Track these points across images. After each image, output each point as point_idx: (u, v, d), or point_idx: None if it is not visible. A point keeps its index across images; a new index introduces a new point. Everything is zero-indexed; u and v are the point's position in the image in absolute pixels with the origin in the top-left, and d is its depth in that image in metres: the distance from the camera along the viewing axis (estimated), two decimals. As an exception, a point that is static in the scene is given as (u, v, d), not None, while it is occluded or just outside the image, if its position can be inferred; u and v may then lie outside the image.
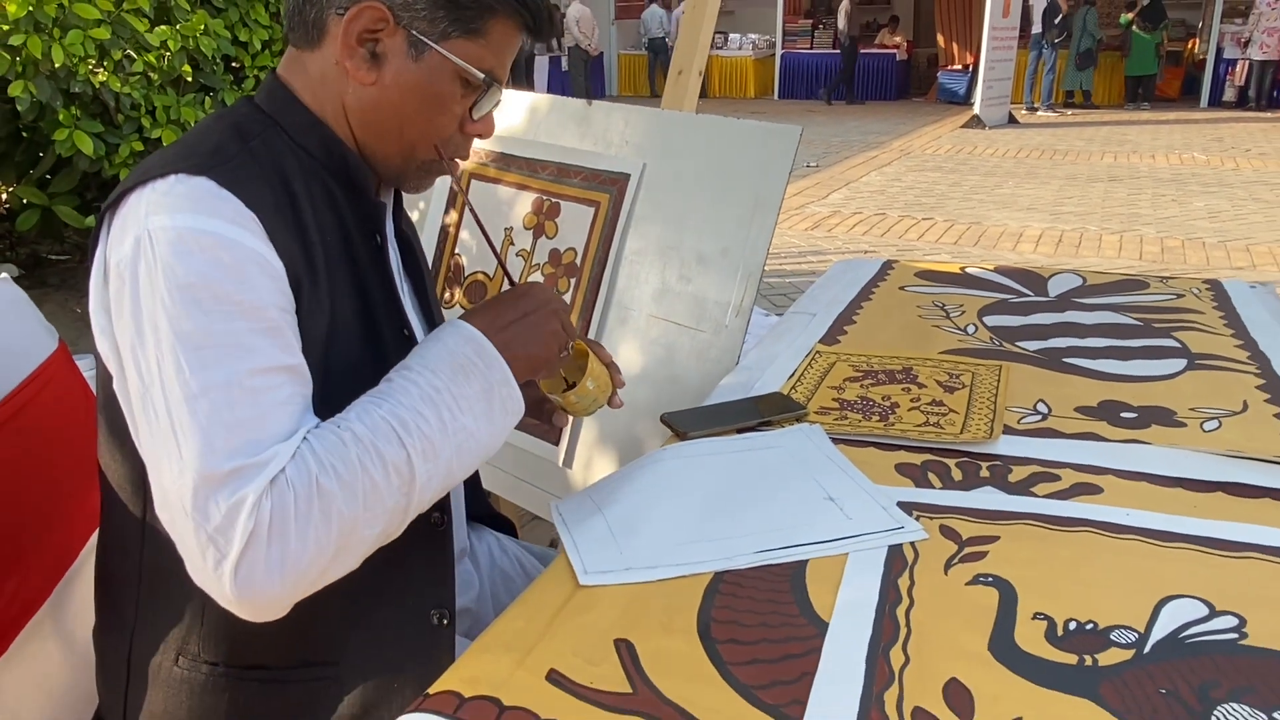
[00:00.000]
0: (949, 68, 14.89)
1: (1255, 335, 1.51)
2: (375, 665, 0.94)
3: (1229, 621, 0.81)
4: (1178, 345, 1.47)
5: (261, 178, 0.85)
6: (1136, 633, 0.79)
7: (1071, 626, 0.80)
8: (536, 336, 0.93)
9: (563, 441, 1.72)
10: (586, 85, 13.70)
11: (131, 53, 3.42)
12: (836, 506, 1.00)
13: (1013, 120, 11.99)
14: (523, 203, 1.86)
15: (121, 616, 0.96)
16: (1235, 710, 0.70)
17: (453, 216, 1.98)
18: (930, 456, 1.12)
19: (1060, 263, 5.23)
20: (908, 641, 0.79)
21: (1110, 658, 0.76)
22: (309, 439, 0.78)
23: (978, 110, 11.55)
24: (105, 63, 3.33)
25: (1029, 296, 1.74)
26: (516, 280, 1.82)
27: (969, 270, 1.93)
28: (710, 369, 1.55)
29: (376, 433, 0.79)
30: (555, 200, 1.82)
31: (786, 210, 6.79)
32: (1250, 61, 12.73)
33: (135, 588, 0.94)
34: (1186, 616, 0.81)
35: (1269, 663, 0.75)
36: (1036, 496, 1.02)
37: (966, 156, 9.43)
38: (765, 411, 1.23)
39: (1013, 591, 0.85)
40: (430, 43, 0.88)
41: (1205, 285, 1.79)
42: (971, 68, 13.58)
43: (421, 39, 0.88)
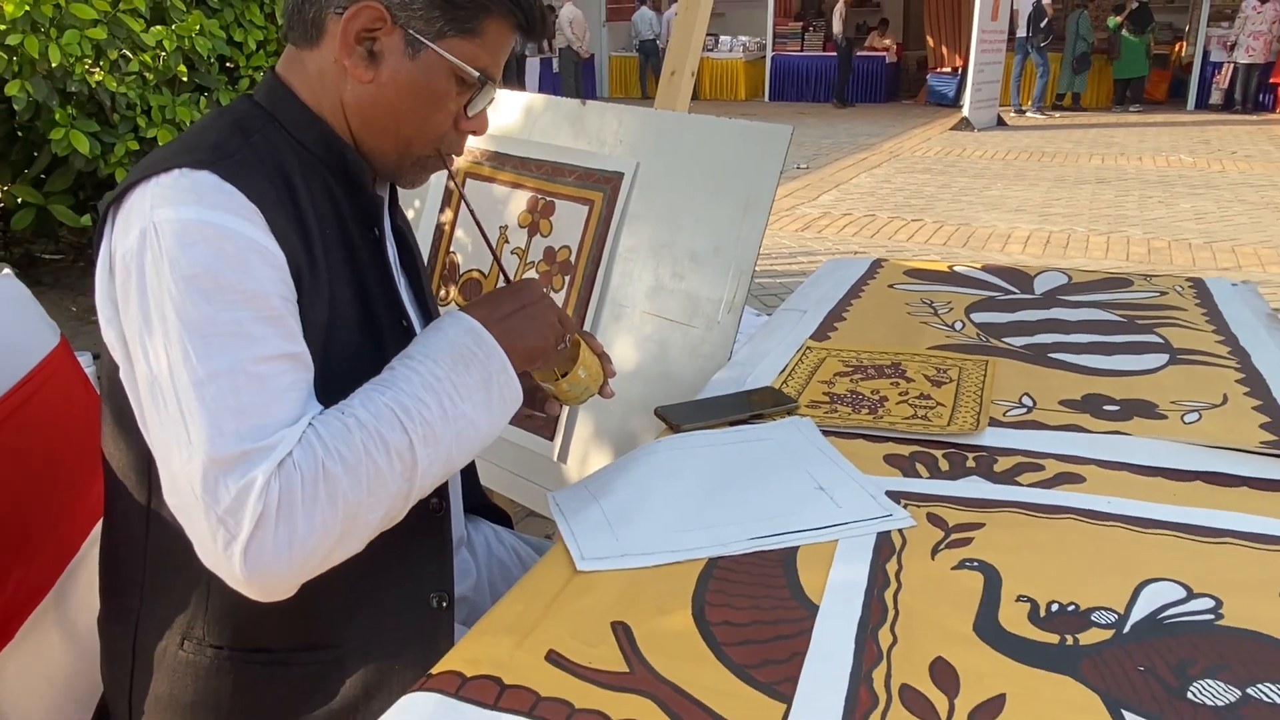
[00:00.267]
0: (938, 70, 14.96)
1: (1236, 331, 1.54)
2: (377, 648, 0.96)
3: (1206, 603, 0.83)
4: (1160, 341, 1.50)
5: (262, 172, 0.87)
6: (1116, 614, 0.82)
7: (1054, 608, 0.83)
8: (534, 328, 0.96)
9: (558, 436, 1.75)
10: (578, 87, 13.71)
11: (127, 53, 3.43)
12: (827, 495, 1.02)
13: (1001, 123, 12.05)
14: (518, 201, 1.89)
15: (127, 603, 0.98)
16: (1210, 686, 0.73)
17: (448, 215, 2.00)
18: (918, 448, 1.15)
19: (1048, 263, 5.27)
20: (895, 623, 0.81)
21: (1091, 637, 0.79)
22: (315, 424, 0.80)
23: (967, 113, 11.60)
24: (101, 62, 3.34)
25: (1015, 294, 1.77)
26: (512, 277, 1.84)
27: (957, 269, 1.96)
28: (703, 364, 1.57)
29: (380, 419, 0.81)
30: (550, 199, 1.84)
31: (777, 212, 6.82)
32: (1236, 65, 12.83)
33: (140, 574, 0.96)
34: (1165, 598, 0.84)
35: (1243, 642, 0.78)
36: (1021, 485, 1.05)
37: (955, 158, 9.48)
38: (757, 405, 1.25)
39: (997, 575, 0.88)
40: (427, 42, 0.91)
41: (1188, 283, 1.82)
42: (960, 70, 13.63)
43: (418, 38, 0.91)
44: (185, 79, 3.72)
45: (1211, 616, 0.82)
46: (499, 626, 0.82)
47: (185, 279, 0.79)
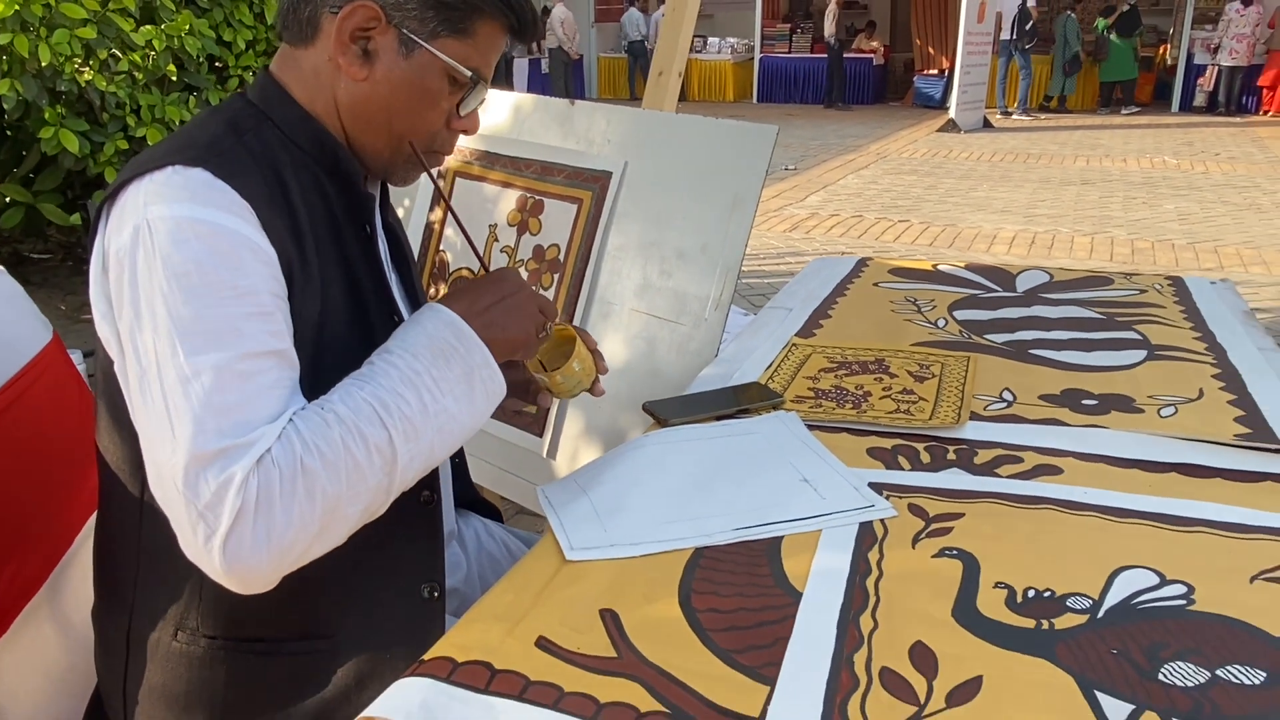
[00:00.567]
0: (925, 72, 15.03)
1: (1213, 328, 1.57)
2: (369, 637, 0.98)
3: (1178, 589, 0.86)
4: (1139, 337, 1.53)
5: (255, 170, 0.89)
6: (1091, 599, 0.84)
7: (1030, 594, 0.85)
8: (515, 319, 0.97)
9: (547, 433, 1.76)
10: (567, 87, 13.72)
11: (117, 52, 3.43)
12: (811, 487, 1.04)
13: (987, 124, 12.13)
14: (507, 200, 1.90)
15: (121, 595, 0.99)
16: (1181, 668, 0.75)
17: (437, 214, 2.01)
18: (900, 441, 1.17)
19: (1033, 264, 5.31)
20: (877, 609, 0.83)
21: (1066, 622, 0.81)
22: (294, 420, 0.82)
23: (953, 114, 11.66)
24: (91, 62, 3.34)
25: (998, 292, 1.80)
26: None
27: (941, 267, 1.98)
28: (690, 361, 1.59)
29: (359, 414, 0.83)
30: (539, 198, 1.86)
31: (765, 212, 6.85)
32: (1220, 67, 12.95)
33: (134, 566, 0.97)
34: (1138, 585, 0.87)
35: (1214, 626, 0.81)
36: (1000, 477, 1.07)
37: (942, 160, 9.54)
38: (743, 400, 1.27)
39: (976, 563, 0.90)
40: (420, 41, 0.93)
41: (1167, 281, 1.85)
42: (947, 72, 13.71)
43: (412, 37, 0.92)
44: (174, 78, 3.72)
45: (1183, 602, 0.84)
46: (490, 614, 0.84)
47: (176, 276, 0.80)
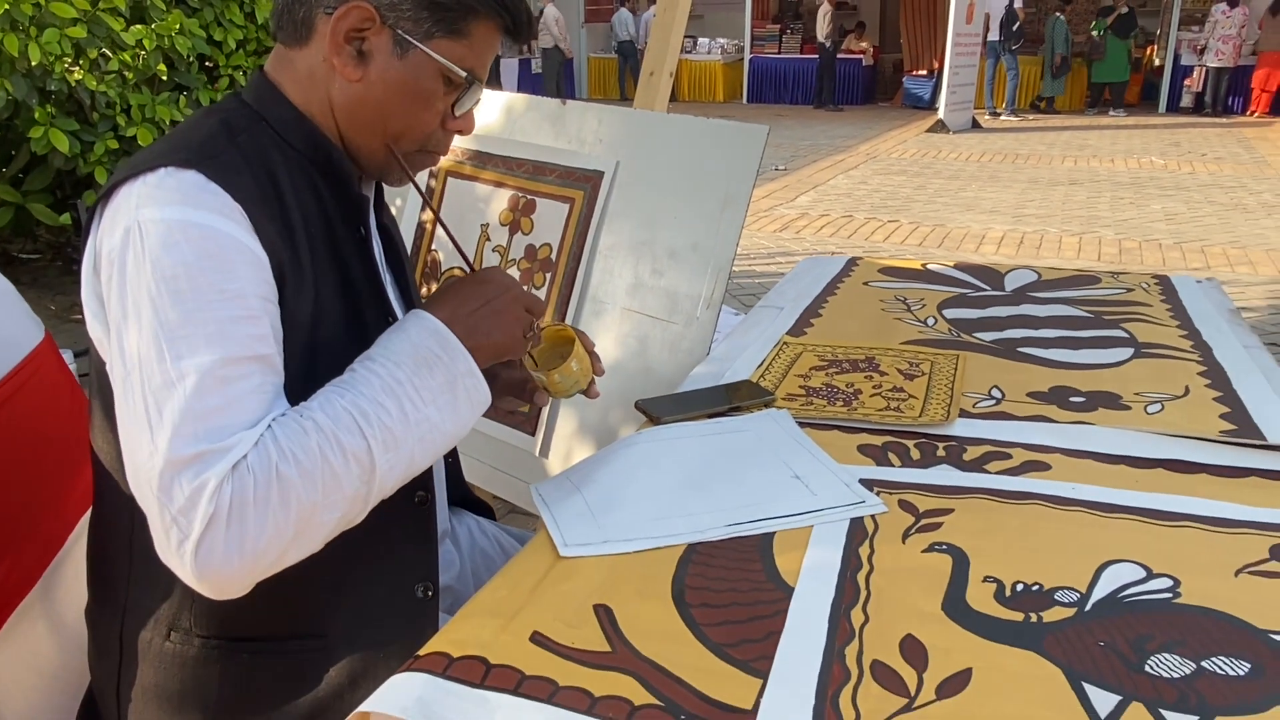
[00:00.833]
0: (914, 73, 15.08)
1: (1199, 326, 1.59)
2: (363, 637, 0.98)
3: (1164, 583, 0.87)
4: (1126, 335, 1.54)
5: (248, 171, 0.89)
6: (1078, 593, 0.85)
7: (1019, 588, 0.86)
8: (501, 322, 0.97)
9: (539, 432, 1.77)
10: (559, 88, 13.69)
11: (107, 51, 3.42)
12: (802, 484, 1.05)
13: (976, 125, 12.17)
14: (499, 199, 1.91)
15: (114, 594, 0.99)
16: (1167, 659, 0.76)
17: (429, 213, 2.02)
18: (890, 438, 1.18)
19: (1021, 263, 5.34)
20: (868, 603, 0.84)
21: (1054, 615, 0.82)
22: (272, 427, 0.82)
23: (942, 115, 11.70)
24: (81, 61, 3.32)
25: (986, 291, 1.81)
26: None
27: (930, 267, 2.00)
28: (682, 360, 1.60)
29: (338, 422, 0.83)
30: (531, 197, 1.86)
31: (756, 212, 6.87)
32: (1206, 68, 13.03)
33: (127, 566, 0.97)
34: (1125, 578, 0.88)
35: (1199, 619, 0.82)
36: (989, 473, 1.08)
37: (931, 160, 9.57)
38: (735, 398, 1.28)
39: (965, 558, 0.91)
40: (415, 42, 0.93)
41: (1154, 280, 1.87)
42: (936, 73, 13.75)
43: (406, 38, 0.93)
44: (165, 78, 3.71)
45: (1170, 595, 0.85)
46: (484, 610, 0.85)
47: (165, 279, 0.80)
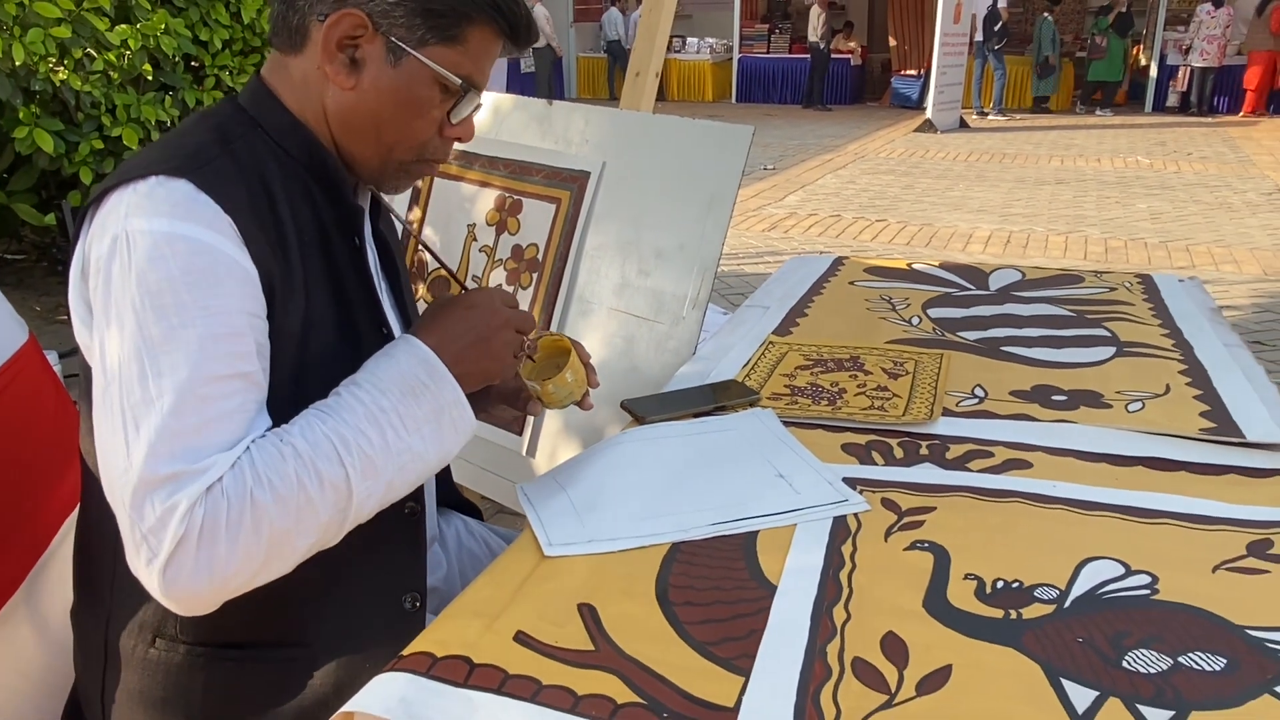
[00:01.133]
0: (902, 73, 15.12)
1: (1180, 325, 1.60)
2: (348, 646, 0.97)
3: (1143, 579, 0.88)
4: (1108, 334, 1.55)
5: (240, 179, 0.88)
6: (1058, 590, 0.86)
7: (999, 585, 0.87)
8: (489, 350, 0.97)
9: (526, 432, 1.77)
10: (550, 87, 13.67)
11: (92, 51, 3.39)
12: (786, 482, 1.06)
13: (964, 124, 12.22)
14: (485, 200, 1.91)
15: (99, 598, 0.99)
16: (1144, 655, 0.77)
17: (416, 213, 2.02)
18: (874, 437, 1.19)
19: (1007, 262, 5.36)
20: (849, 600, 0.85)
21: (1033, 612, 0.83)
22: (250, 450, 0.81)
23: (930, 115, 11.73)
24: (66, 61, 3.30)
25: (971, 290, 1.82)
26: (480, 274, 1.87)
27: (915, 266, 2.01)
28: (668, 359, 1.61)
29: (317, 450, 0.82)
30: (517, 197, 1.86)
31: (744, 212, 6.88)
32: (1192, 68, 13.10)
33: (112, 570, 0.96)
34: (1104, 575, 0.89)
35: (1177, 615, 0.83)
36: (971, 471, 1.09)
37: (919, 160, 9.60)
38: (720, 397, 1.29)
39: (946, 555, 0.92)
40: (408, 49, 0.91)
41: (1137, 279, 1.88)
42: (924, 73, 13.79)
43: (399, 45, 0.91)
44: (150, 78, 3.69)
45: (1148, 591, 0.86)
46: (468, 610, 0.85)
47: (149, 294, 0.80)
